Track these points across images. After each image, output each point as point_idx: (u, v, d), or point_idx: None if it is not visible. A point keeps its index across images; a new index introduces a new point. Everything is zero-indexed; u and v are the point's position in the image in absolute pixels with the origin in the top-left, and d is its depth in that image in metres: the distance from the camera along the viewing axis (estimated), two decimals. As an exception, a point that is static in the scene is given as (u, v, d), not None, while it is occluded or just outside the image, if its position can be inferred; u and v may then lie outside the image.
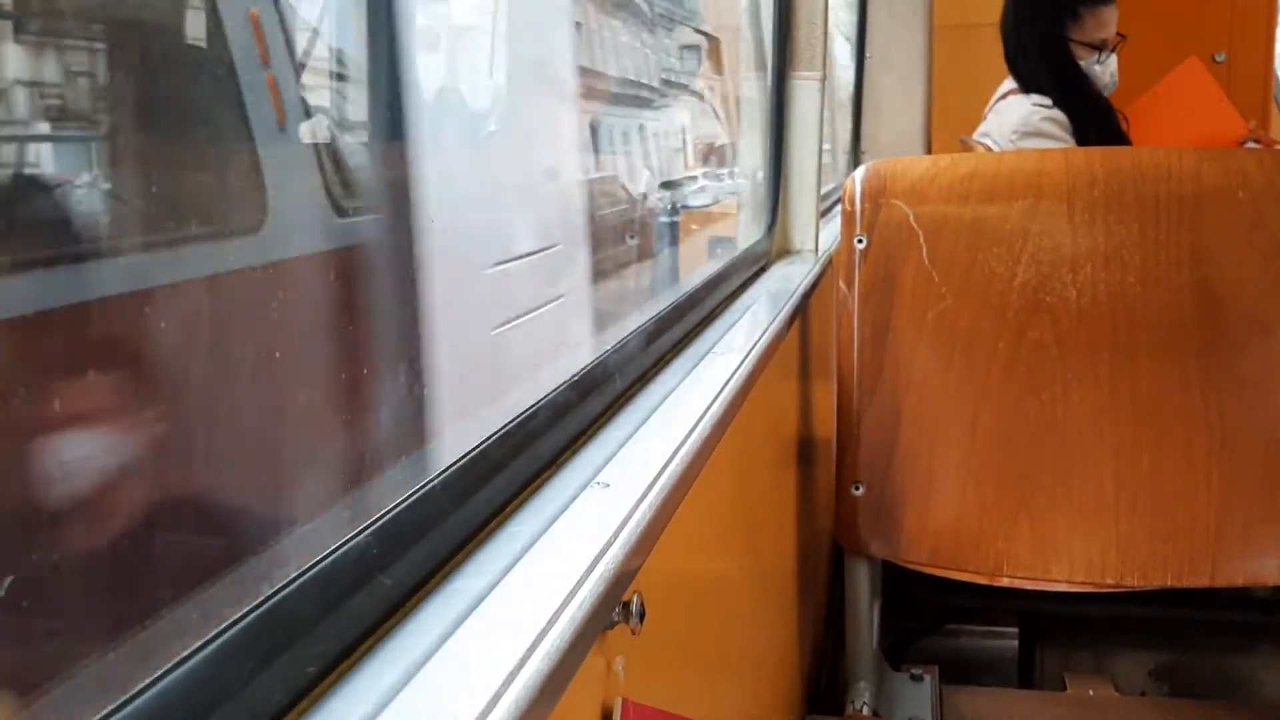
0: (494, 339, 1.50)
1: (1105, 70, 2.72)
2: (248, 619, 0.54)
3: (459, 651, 0.61)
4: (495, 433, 0.81)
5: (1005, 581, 1.61)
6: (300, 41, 1.02)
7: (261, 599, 0.55)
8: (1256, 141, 2.94)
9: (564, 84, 1.99)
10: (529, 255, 1.74)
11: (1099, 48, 2.68)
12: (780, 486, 1.69)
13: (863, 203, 1.62)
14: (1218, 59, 3.52)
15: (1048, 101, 2.65)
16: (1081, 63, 2.68)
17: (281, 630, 0.56)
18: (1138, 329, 1.55)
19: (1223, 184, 1.53)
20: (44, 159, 0.68)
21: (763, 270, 1.97)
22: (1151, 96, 3.10)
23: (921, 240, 1.59)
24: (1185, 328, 1.54)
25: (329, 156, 1.05)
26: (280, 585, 0.57)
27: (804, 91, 2.05)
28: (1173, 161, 1.55)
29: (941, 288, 1.59)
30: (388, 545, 0.65)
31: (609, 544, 0.73)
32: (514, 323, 1.60)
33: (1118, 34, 2.71)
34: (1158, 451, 1.56)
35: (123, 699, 0.46)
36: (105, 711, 0.46)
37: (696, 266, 2.78)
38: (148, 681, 0.48)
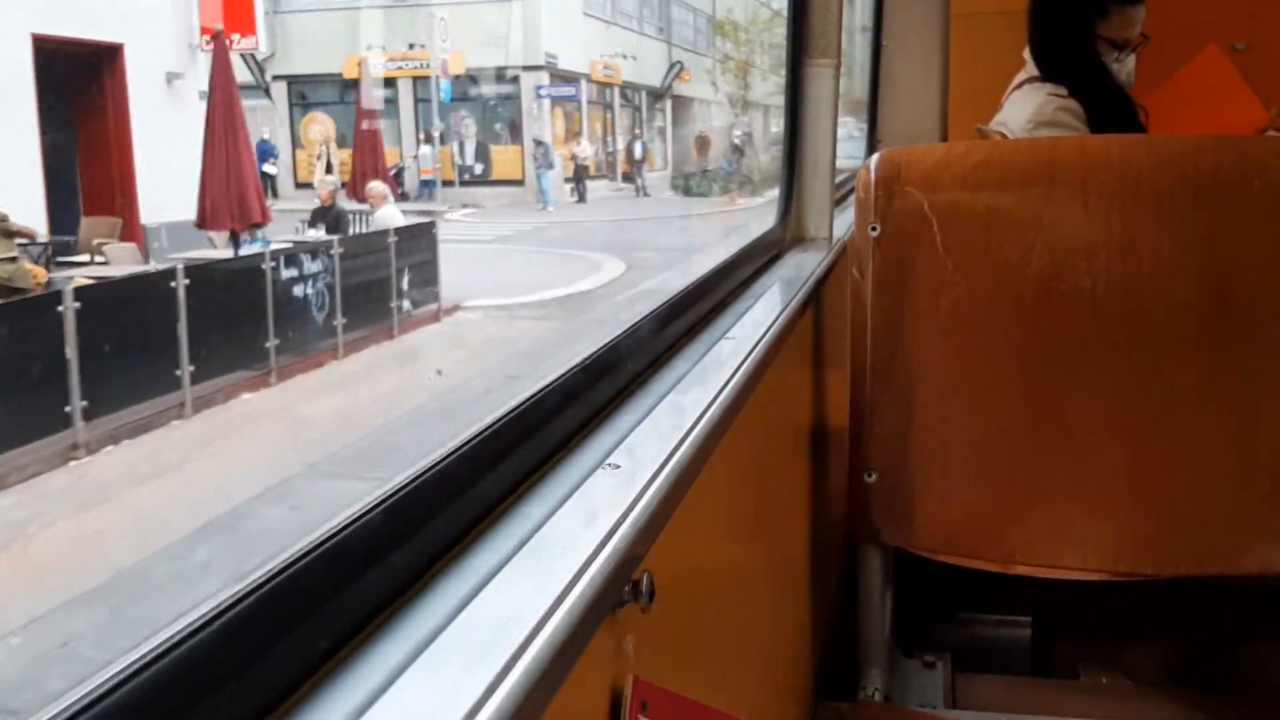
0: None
1: (1123, 69, 2.69)
2: (256, 594, 0.55)
3: (470, 627, 0.62)
4: (506, 415, 0.82)
5: (1018, 569, 1.60)
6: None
7: (270, 573, 0.56)
8: (1278, 130, 2.91)
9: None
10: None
11: (1121, 46, 2.66)
12: (793, 472, 1.70)
13: (877, 190, 1.61)
14: (1237, 48, 3.49)
15: (1063, 91, 2.63)
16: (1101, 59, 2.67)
17: (290, 606, 0.57)
18: (1152, 317, 1.54)
19: (1238, 172, 1.52)
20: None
21: (776, 258, 1.96)
22: (1172, 87, 3.07)
23: (935, 228, 1.58)
24: (1200, 316, 1.53)
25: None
26: (290, 560, 0.57)
27: (818, 79, 2.04)
28: (1188, 150, 1.55)
29: (955, 275, 1.58)
30: (399, 524, 0.66)
31: (619, 523, 0.74)
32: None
33: (1141, 34, 2.69)
34: (1171, 440, 1.55)
35: (135, 668, 0.47)
36: (117, 680, 0.46)
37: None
38: (158, 653, 0.48)
